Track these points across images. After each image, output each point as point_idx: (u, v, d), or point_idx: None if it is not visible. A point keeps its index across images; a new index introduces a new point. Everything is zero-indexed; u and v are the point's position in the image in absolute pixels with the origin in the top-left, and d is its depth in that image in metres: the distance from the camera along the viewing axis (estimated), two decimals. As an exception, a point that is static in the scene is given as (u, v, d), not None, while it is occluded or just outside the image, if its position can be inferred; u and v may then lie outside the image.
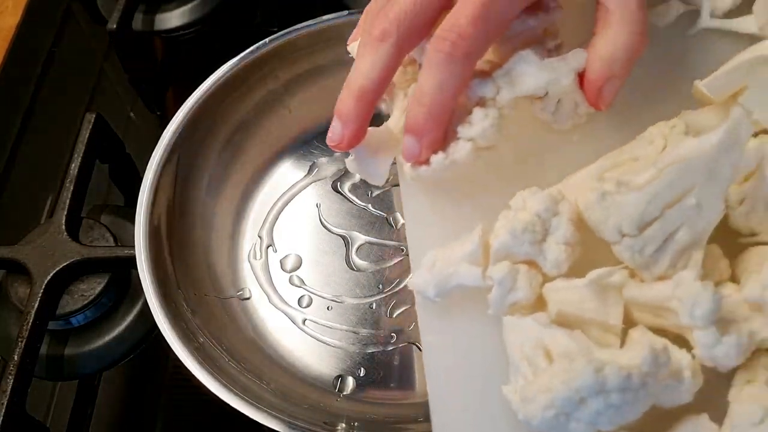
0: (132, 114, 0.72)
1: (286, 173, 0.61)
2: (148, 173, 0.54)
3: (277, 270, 0.56)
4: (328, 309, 0.54)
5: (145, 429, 0.54)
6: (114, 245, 0.58)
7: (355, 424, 0.48)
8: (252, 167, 0.61)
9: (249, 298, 0.55)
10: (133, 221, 0.52)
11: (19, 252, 0.56)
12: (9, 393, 0.49)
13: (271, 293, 0.55)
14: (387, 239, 0.57)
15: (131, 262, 0.51)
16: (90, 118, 0.62)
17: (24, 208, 0.66)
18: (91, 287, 0.56)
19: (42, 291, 0.53)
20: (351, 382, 0.51)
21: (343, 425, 0.47)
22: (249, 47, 0.59)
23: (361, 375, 0.51)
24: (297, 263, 0.57)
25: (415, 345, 0.52)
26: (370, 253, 0.57)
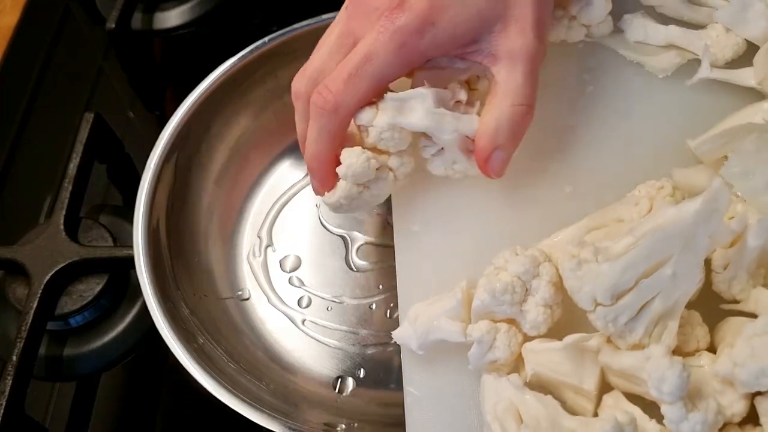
0: (131, 114, 0.72)
1: (285, 173, 0.61)
2: (146, 173, 0.54)
3: (277, 270, 0.56)
4: (327, 309, 0.54)
5: (144, 430, 0.54)
6: (113, 245, 0.58)
7: (355, 424, 0.48)
8: (251, 167, 0.61)
9: (248, 298, 0.55)
10: (132, 221, 0.52)
11: (18, 252, 0.56)
12: (8, 394, 0.49)
13: (271, 294, 0.55)
14: (387, 239, 0.57)
15: (130, 262, 0.51)
16: (88, 117, 0.62)
17: (22, 208, 0.66)
18: (90, 287, 0.56)
19: (41, 291, 0.53)
20: (351, 382, 0.51)
21: (343, 426, 0.47)
22: (248, 47, 0.59)
23: (361, 375, 0.51)
24: (296, 263, 0.56)
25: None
26: (369, 254, 0.56)
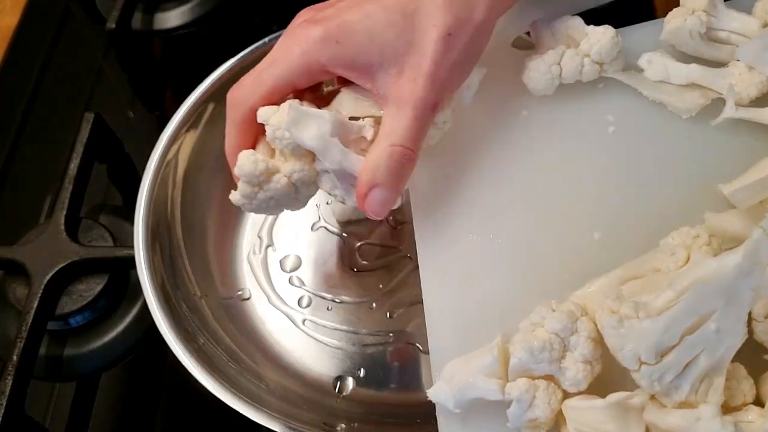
0: (131, 114, 0.72)
1: (285, 173, 0.61)
2: (146, 173, 0.54)
3: (277, 270, 0.56)
4: (327, 309, 0.54)
5: (144, 430, 0.54)
6: (113, 245, 0.58)
7: (355, 424, 0.48)
8: (251, 167, 0.61)
9: (248, 298, 0.55)
10: (132, 221, 0.52)
11: (18, 252, 0.56)
12: (8, 393, 0.49)
13: (271, 293, 0.55)
14: (387, 239, 0.57)
15: (130, 262, 0.51)
16: (89, 117, 0.62)
17: (23, 208, 0.66)
18: (90, 287, 0.56)
19: (41, 291, 0.53)
20: (351, 382, 0.51)
21: (343, 425, 0.47)
22: (248, 47, 0.59)
23: (361, 375, 0.51)
24: (296, 263, 0.56)
25: (415, 345, 0.52)
26: (369, 254, 0.56)
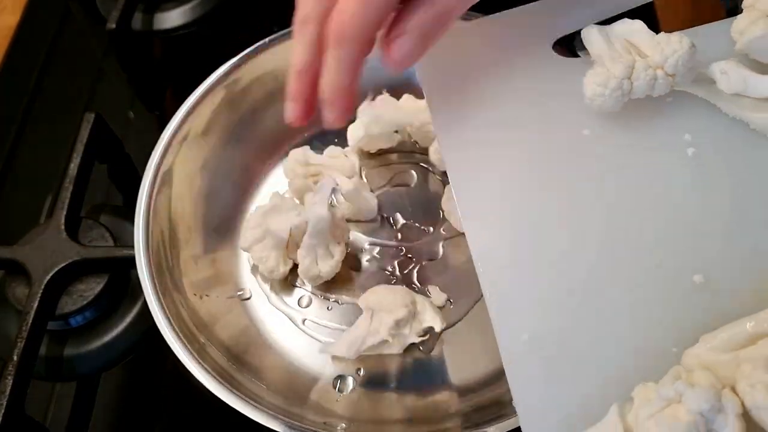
0: (131, 114, 0.72)
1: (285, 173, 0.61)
2: (147, 173, 0.54)
3: (277, 270, 0.56)
4: (328, 309, 0.54)
5: (144, 430, 0.54)
6: (113, 245, 0.58)
7: (355, 424, 0.48)
8: (252, 167, 0.61)
9: (249, 298, 0.55)
10: (132, 221, 0.52)
11: (18, 252, 0.56)
12: (8, 393, 0.49)
13: (271, 293, 0.55)
14: (387, 239, 0.57)
15: (130, 262, 0.51)
16: (89, 117, 0.62)
17: (23, 208, 0.66)
18: (90, 287, 0.56)
19: (41, 291, 0.53)
20: (351, 382, 0.51)
21: (343, 425, 0.47)
22: (248, 47, 0.59)
23: (361, 375, 0.51)
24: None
25: (415, 345, 0.52)
26: (370, 253, 0.57)
